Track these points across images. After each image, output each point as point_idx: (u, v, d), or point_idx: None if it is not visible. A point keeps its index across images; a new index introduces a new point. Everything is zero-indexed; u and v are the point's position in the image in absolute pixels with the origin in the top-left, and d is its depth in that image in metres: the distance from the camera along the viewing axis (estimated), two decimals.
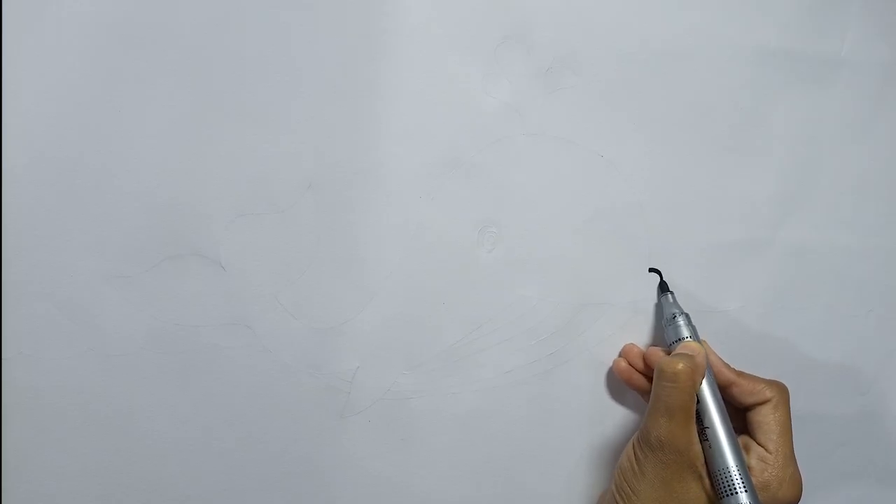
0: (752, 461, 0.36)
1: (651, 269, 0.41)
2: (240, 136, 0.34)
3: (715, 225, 0.42)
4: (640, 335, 0.41)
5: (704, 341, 0.39)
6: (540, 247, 0.39)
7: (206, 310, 0.35)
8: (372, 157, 0.36)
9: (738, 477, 0.33)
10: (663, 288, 0.41)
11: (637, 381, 0.39)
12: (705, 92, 0.41)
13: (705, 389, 0.36)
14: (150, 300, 0.34)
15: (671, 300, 0.40)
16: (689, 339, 0.38)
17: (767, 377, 0.38)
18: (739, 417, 0.38)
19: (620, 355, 0.41)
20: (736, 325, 0.44)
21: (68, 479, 0.34)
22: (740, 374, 0.38)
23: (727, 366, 0.38)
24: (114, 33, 0.32)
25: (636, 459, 0.35)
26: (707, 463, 0.34)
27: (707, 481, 0.34)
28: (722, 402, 0.36)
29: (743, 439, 0.37)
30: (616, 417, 0.42)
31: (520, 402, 0.40)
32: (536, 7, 0.37)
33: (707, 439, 0.35)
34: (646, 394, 0.40)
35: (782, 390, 0.37)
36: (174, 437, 0.35)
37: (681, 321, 0.38)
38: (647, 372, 0.39)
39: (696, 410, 0.35)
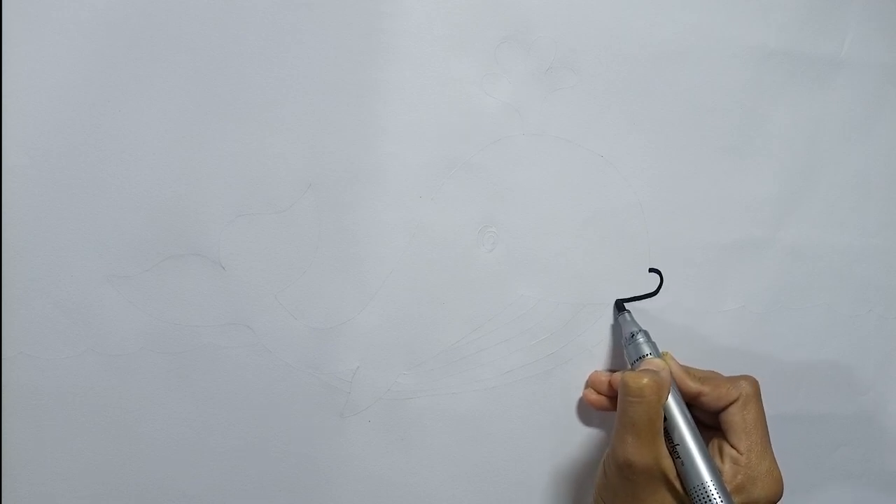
0: (726, 465, 0.34)
1: (651, 270, 0.41)
2: (240, 136, 0.34)
3: (715, 225, 0.42)
4: None
5: (667, 353, 0.38)
6: (540, 247, 0.39)
7: (206, 310, 0.35)
8: (372, 157, 0.36)
9: (713, 491, 0.32)
10: (620, 307, 0.40)
11: (609, 406, 0.39)
12: (705, 92, 0.41)
13: (672, 406, 0.35)
14: (150, 300, 0.34)
15: (629, 318, 0.39)
16: (650, 356, 0.37)
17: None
18: (714, 420, 0.37)
19: (587, 385, 0.40)
20: (736, 326, 0.44)
21: (68, 479, 0.34)
22: (706, 380, 0.37)
23: (691, 376, 0.37)
24: (114, 33, 0.32)
25: (606, 477, 0.35)
26: (681, 479, 0.33)
27: (681, 492, 0.33)
28: (690, 416, 0.35)
29: (717, 442, 0.36)
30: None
31: (519, 403, 0.40)
32: (536, 7, 0.37)
33: (679, 456, 0.34)
34: None
35: (750, 384, 0.36)
36: (174, 437, 0.35)
37: (640, 339, 0.38)
38: (615, 395, 0.39)
39: (665, 428, 0.34)
